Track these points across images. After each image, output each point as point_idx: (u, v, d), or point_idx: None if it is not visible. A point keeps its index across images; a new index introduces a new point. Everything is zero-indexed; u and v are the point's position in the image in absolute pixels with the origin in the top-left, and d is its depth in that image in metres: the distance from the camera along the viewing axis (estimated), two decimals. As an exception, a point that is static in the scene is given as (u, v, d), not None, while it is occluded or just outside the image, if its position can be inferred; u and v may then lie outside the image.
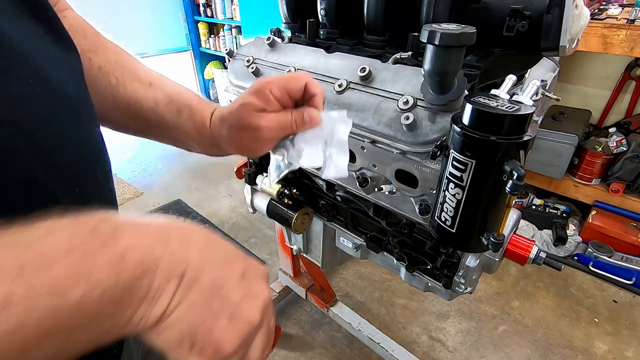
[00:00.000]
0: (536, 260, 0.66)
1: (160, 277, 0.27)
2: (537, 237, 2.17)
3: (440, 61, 0.44)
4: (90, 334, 0.25)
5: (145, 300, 0.26)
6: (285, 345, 0.60)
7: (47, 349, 0.23)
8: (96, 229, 0.25)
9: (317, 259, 1.12)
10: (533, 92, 0.44)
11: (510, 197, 0.45)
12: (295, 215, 0.84)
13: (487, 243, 0.47)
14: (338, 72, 0.63)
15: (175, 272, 0.28)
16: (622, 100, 2.13)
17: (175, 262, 0.28)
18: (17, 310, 0.21)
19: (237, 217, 2.53)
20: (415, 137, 0.52)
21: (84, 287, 0.23)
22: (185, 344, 0.28)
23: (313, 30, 0.74)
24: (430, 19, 0.57)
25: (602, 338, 1.71)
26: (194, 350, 0.29)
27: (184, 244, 0.29)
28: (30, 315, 0.21)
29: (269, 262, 2.16)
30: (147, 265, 0.26)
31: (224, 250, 0.32)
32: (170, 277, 0.27)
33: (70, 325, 0.23)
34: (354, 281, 2.03)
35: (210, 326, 0.29)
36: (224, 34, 3.81)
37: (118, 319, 0.26)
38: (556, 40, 0.51)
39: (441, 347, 1.68)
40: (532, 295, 1.93)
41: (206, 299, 0.29)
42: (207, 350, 0.29)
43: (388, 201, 0.63)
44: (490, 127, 0.41)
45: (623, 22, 1.55)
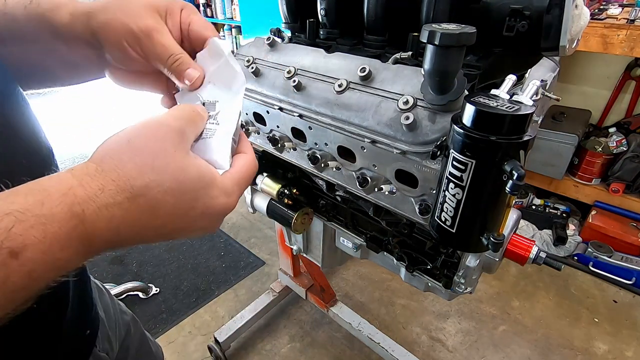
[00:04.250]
0: (536, 260, 0.66)
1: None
2: (537, 237, 2.17)
3: (440, 61, 0.44)
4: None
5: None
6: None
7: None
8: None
9: (317, 259, 1.12)
10: (533, 92, 0.44)
11: (510, 197, 0.45)
12: (295, 215, 0.84)
13: (487, 243, 0.47)
14: (338, 72, 0.63)
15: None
16: (622, 100, 2.13)
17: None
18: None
19: (237, 217, 2.53)
20: (415, 137, 0.52)
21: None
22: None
23: (313, 30, 0.74)
24: (430, 19, 0.57)
25: (602, 338, 1.71)
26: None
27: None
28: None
29: (269, 262, 2.16)
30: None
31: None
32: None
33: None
34: (354, 281, 2.03)
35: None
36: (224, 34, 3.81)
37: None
38: (556, 40, 0.51)
39: (441, 347, 1.68)
40: (532, 295, 1.93)
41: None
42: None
43: (388, 201, 0.63)
44: (490, 127, 0.41)
45: (623, 22, 1.55)
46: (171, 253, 2.22)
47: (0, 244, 0.23)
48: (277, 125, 0.75)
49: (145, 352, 0.76)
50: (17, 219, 0.24)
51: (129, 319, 0.72)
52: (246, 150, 0.40)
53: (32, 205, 0.25)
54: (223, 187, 0.35)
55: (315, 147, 0.70)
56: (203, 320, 1.82)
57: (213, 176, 0.34)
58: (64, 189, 0.27)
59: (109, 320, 0.63)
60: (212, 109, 0.40)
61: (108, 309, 0.65)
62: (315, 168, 0.71)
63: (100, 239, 0.28)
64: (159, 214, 0.31)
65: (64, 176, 0.28)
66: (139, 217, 0.29)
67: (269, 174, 0.88)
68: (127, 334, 0.70)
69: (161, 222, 0.31)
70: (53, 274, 0.26)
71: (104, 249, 0.29)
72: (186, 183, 0.31)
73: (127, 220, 0.29)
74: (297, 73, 0.67)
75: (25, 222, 0.24)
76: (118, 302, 0.71)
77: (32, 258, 0.24)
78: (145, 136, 0.32)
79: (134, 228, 0.30)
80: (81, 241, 0.27)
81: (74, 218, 0.26)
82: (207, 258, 2.19)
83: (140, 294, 1.93)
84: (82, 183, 0.28)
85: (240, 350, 1.69)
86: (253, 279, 2.06)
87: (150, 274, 2.07)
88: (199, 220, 0.33)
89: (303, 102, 0.65)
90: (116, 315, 0.67)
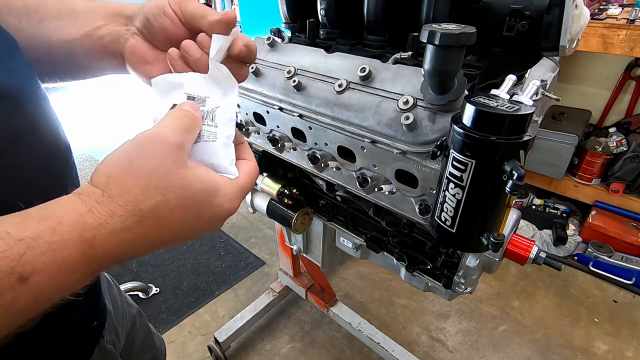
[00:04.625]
0: (536, 260, 0.66)
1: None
2: (537, 237, 2.17)
3: (440, 61, 0.44)
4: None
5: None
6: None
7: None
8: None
9: (317, 259, 1.12)
10: (533, 92, 0.44)
11: (510, 197, 0.45)
12: (295, 215, 0.84)
13: (487, 243, 0.47)
14: (338, 72, 0.63)
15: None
16: (622, 100, 2.13)
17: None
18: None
19: (237, 217, 2.53)
20: (415, 137, 0.52)
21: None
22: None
23: (313, 30, 0.74)
24: (430, 19, 0.57)
25: (602, 338, 1.71)
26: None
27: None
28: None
29: (269, 262, 2.16)
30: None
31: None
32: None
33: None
34: (354, 281, 2.03)
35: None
36: (224, 34, 3.81)
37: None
38: (556, 40, 0.51)
39: (441, 347, 1.68)
40: (532, 295, 1.93)
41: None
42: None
43: (388, 201, 0.63)
44: (490, 127, 0.41)
45: (623, 22, 1.55)
46: (171, 253, 2.22)
47: (11, 270, 0.24)
48: (277, 125, 0.75)
49: (149, 345, 0.78)
50: (29, 246, 0.25)
51: (135, 312, 0.74)
52: (248, 157, 0.42)
53: (44, 233, 0.26)
54: (227, 193, 0.36)
55: (315, 147, 0.70)
56: (203, 320, 1.82)
57: (217, 185, 0.35)
58: (74, 217, 0.28)
59: (116, 313, 0.64)
60: (202, 104, 0.40)
61: (116, 301, 0.66)
62: (315, 168, 0.71)
63: (108, 259, 0.30)
64: (167, 231, 0.32)
65: (74, 201, 0.29)
66: (147, 237, 0.31)
67: (269, 174, 0.88)
68: (133, 327, 0.71)
69: (168, 236, 0.33)
70: (59, 296, 0.27)
71: (111, 265, 0.31)
72: (191, 198, 0.33)
73: (136, 241, 0.30)
74: (297, 73, 0.67)
75: (36, 249, 0.25)
76: (125, 295, 0.72)
77: (40, 282, 0.25)
78: (145, 156, 0.32)
79: (143, 245, 0.31)
80: (89, 265, 0.28)
81: (84, 244, 0.27)
82: (207, 258, 2.19)
83: (140, 294, 1.93)
84: (91, 209, 0.29)
85: (240, 350, 1.69)
86: (253, 279, 2.06)
87: (150, 274, 2.07)
88: (204, 226, 0.35)
89: (303, 102, 0.65)
90: (123, 308, 0.68)
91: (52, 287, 0.26)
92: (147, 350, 0.76)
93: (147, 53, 0.45)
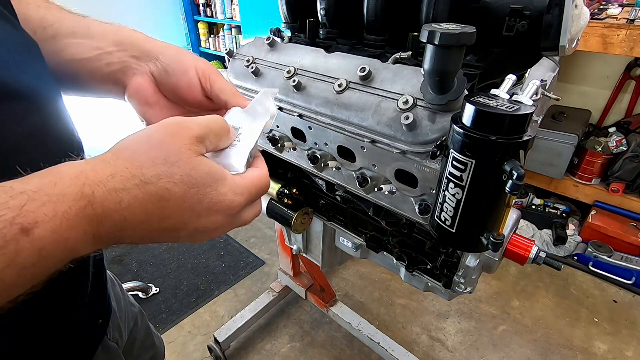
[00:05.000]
0: (536, 260, 0.66)
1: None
2: (537, 237, 2.17)
3: (440, 61, 0.44)
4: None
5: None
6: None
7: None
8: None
9: (317, 259, 1.13)
10: (533, 92, 0.44)
11: (510, 197, 0.45)
12: (295, 215, 0.84)
13: (487, 243, 0.47)
14: (338, 72, 0.63)
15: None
16: (622, 100, 2.13)
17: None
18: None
19: (237, 217, 2.53)
20: (415, 137, 0.52)
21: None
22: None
23: (313, 30, 0.74)
24: (430, 19, 0.57)
25: (602, 338, 1.71)
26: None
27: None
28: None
29: (269, 262, 2.16)
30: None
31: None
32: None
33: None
34: (354, 281, 2.03)
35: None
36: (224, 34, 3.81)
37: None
38: (556, 40, 0.51)
39: (441, 347, 1.68)
40: (532, 295, 1.93)
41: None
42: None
43: (388, 201, 0.63)
44: (490, 127, 0.41)
45: (623, 22, 1.55)
46: (171, 253, 2.22)
47: (13, 220, 0.24)
48: (277, 125, 0.75)
49: (150, 345, 0.78)
50: (30, 198, 0.25)
51: (137, 311, 0.74)
52: (261, 166, 0.42)
53: (46, 186, 0.26)
54: (233, 185, 0.36)
55: (315, 147, 0.70)
56: (203, 320, 1.82)
57: (224, 175, 0.35)
58: (76, 173, 0.28)
59: (120, 311, 0.65)
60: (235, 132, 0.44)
61: (119, 300, 0.67)
62: (315, 168, 0.71)
63: (108, 223, 0.29)
64: (167, 205, 0.31)
65: (79, 163, 0.30)
66: (146, 205, 0.30)
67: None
68: (135, 326, 0.72)
69: (168, 213, 0.32)
70: (62, 255, 0.27)
71: (111, 237, 0.30)
72: (196, 177, 0.33)
73: (134, 206, 0.30)
74: (297, 73, 0.67)
75: (38, 201, 0.25)
76: (128, 294, 0.73)
77: (43, 236, 0.25)
78: (164, 134, 0.34)
79: (141, 216, 0.30)
80: (90, 222, 0.28)
81: (84, 199, 0.28)
82: (207, 258, 2.19)
83: (140, 294, 1.93)
84: (94, 168, 0.29)
85: (240, 350, 1.69)
86: (253, 279, 2.06)
87: (150, 274, 2.07)
88: (205, 215, 0.34)
89: (303, 102, 0.65)
90: (126, 307, 0.69)
91: (55, 243, 0.26)
92: (147, 350, 0.77)
93: (150, 96, 0.47)
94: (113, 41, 0.46)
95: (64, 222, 0.26)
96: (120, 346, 0.62)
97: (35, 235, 0.25)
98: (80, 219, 0.27)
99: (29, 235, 0.24)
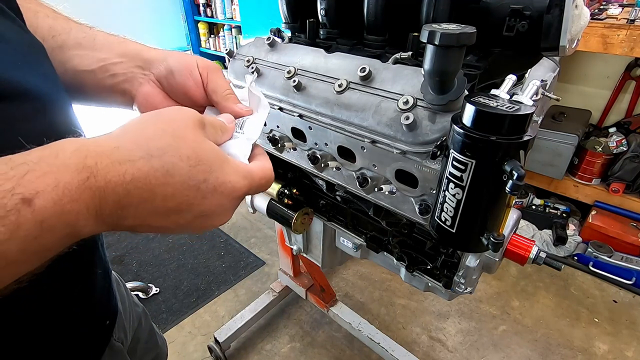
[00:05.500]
0: (536, 260, 0.66)
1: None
2: (537, 237, 2.17)
3: (440, 61, 0.44)
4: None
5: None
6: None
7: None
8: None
9: (317, 259, 1.13)
10: (533, 92, 0.44)
11: (510, 197, 0.45)
12: (295, 215, 0.84)
13: (487, 243, 0.47)
14: (338, 72, 0.63)
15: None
16: (622, 100, 2.13)
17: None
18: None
19: (237, 217, 2.53)
20: (415, 137, 0.52)
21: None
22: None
23: (313, 30, 0.74)
24: (430, 19, 0.57)
25: (602, 338, 1.71)
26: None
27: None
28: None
29: (269, 262, 2.16)
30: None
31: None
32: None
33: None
34: (354, 281, 2.03)
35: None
36: (224, 34, 3.81)
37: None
38: (556, 40, 0.51)
39: (441, 347, 1.68)
40: (532, 295, 1.93)
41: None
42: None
43: (388, 201, 0.63)
44: (490, 127, 0.41)
45: (623, 22, 1.55)
46: (171, 253, 2.22)
47: (13, 190, 0.23)
48: (277, 125, 0.75)
49: (153, 344, 0.78)
50: (31, 168, 0.25)
51: (140, 311, 0.74)
52: (265, 161, 0.42)
53: (46, 157, 0.26)
54: (237, 168, 0.36)
55: (315, 147, 0.70)
56: (203, 320, 1.82)
57: (228, 158, 0.36)
58: (78, 145, 0.28)
59: (124, 311, 0.65)
60: (238, 124, 0.45)
61: (124, 300, 0.67)
62: (315, 168, 0.71)
63: (110, 196, 0.28)
64: (171, 181, 0.30)
65: (82, 138, 0.30)
66: (150, 179, 0.30)
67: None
68: (139, 326, 0.72)
69: (171, 191, 0.31)
70: (63, 229, 0.26)
71: (113, 216, 0.29)
72: (201, 155, 0.32)
73: (138, 180, 0.29)
74: (297, 73, 0.67)
75: (38, 171, 0.25)
76: (131, 294, 0.73)
77: (44, 206, 0.25)
78: (173, 111, 0.34)
79: (144, 193, 0.29)
80: (92, 195, 0.27)
81: (86, 170, 0.27)
82: (207, 258, 2.19)
83: (140, 294, 1.93)
84: (97, 141, 0.29)
85: (240, 350, 1.69)
86: (253, 279, 2.06)
87: (150, 274, 2.07)
88: (209, 196, 0.33)
89: (303, 102, 0.65)
90: (130, 307, 0.69)
91: (57, 215, 0.25)
92: (150, 350, 0.77)
93: (160, 102, 0.47)
94: (118, 52, 0.47)
95: (66, 193, 0.26)
96: (125, 346, 0.62)
97: (36, 205, 0.24)
98: (82, 191, 0.26)
99: (30, 205, 0.24)
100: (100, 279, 0.51)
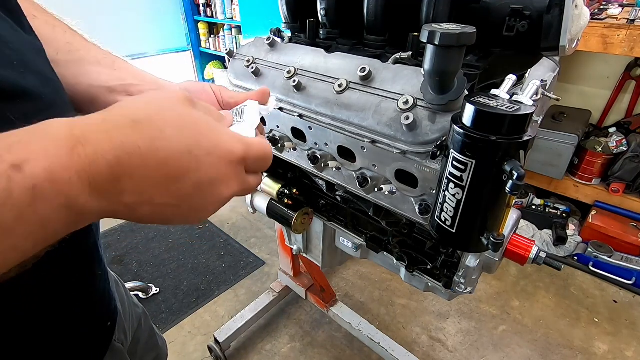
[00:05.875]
0: (536, 260, 0.66)
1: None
2: (537, 237, 2.17)
3: (440, 61, 0.44)
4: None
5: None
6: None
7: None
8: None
9: (317, 259, 1.13)
10: (533, 92, 0.44)
11: (510, 197, 0.45)
12: (295, 215, 0.84)
13: (487, 243, 0.47)
14: (338, 72, 0.63)
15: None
16: (622, 100, 2.13)
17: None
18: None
19: (237, 217, 2.53)
20: (415, 137, 0.52)
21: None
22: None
23: (313, 30, 0.74)
24: (430, 19, 0.57)
25: (602, 338, 1.71)
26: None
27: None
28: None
29: (269, 262, 2.16)
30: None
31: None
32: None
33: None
34: (354, 281, 2.03)
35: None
36: (224, 34, 3.81)
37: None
38: (556, 40, 0.51)
39: (441, 347, 1.69)
40: (532, 295, 1.93)
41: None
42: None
43: (388, 201, 0.63)
44: (490, 127, 0.41)
45: (623, 22, 1.55)
46: (171, 253, 2.22)
47: (1, 157, 0.24)
48: (277, 125, 0.75)
49: (153, 345, 0.78)
50: (19, 140, 0.25)
51: (140, 311, 0.74)
52: (263, 139, 0.42)
53: (34, 130, 0.26)
54: (231, 133, 0.35)
55: (315, 147, 0.70)
56: (203, 320, 1.83)
57: (219, 124, 0.35)
58: (65, 120, 0.28)
59: (124, 312, 0.65)
60: (237, 113, 0.47)
61: (124, 300, 0.67)
62: (315, 168, 0.71)
63: (102, 163, 0.27)
64: (160, 146, 0.30)
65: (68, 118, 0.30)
66: (139, 144, 0.29)
67: (269, 174, 0.88)
68: (139, 326, 0.72)
69: (163, 156, 0.30)
70: (57, 197, 0.26)
71: (109, 188, 0.28)
72: (189, 119, 0.32)
73: (127, 145, 0.28)
74: (297, 73, 0.67)
75: (26, 142, 0.25)
76: (131, 295, 0.73)
77: (35, 173, 0.24)
78: (166, 89, 0.37)
79: (136, 159, 0.29)
80: (81, 163, 0.27)
81: (73, 138, 0.27)
82: (207, 258, 2.19)
83: (140, 294, 1.93)
84: (84, 117, 0.29)
85: (240, 350, 1.69)
86: (253, 279, 2.06)
87: (150, 274, 2.07)
88: (204, 160, 0.32)
89: (303, 102, 0.65)
90: (130, 308, 0.69)
91: (49, 181, 0.25)
92: (150, 350, 0.77)
93: None
94: (136, 76, 0.50)
95: (55, 161, 0.25)
96: (125, 347, 0.62)
97: (26, 171, 0.24)
98: (71, 158, 0.26)
99: (20, 171, 0.24)
100: (100, 279, 0.52)
